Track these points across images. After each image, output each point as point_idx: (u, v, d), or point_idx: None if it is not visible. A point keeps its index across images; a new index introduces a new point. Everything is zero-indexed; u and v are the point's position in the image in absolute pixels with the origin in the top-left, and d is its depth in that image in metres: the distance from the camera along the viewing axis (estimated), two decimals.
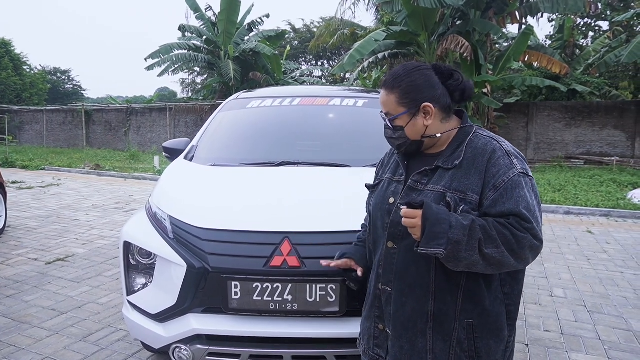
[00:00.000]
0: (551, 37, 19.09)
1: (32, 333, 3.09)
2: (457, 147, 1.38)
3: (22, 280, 4.10)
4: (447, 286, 1.33)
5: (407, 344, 1.38)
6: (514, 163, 1.30)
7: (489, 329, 1.34)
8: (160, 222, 2.28)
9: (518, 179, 1.28)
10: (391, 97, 1.40)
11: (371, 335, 1.51)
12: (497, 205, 1.26)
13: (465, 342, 1.33)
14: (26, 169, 13.51)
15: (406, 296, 1.37)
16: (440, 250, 1.21)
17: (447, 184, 1.33)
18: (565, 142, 14.48)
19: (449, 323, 1.33)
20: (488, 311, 1.33)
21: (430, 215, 1.23)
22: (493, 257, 1.22)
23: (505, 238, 1.22)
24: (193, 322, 2.04)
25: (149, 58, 16.39)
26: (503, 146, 1.34)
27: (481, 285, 1.33)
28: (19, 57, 26.95)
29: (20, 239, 5.50)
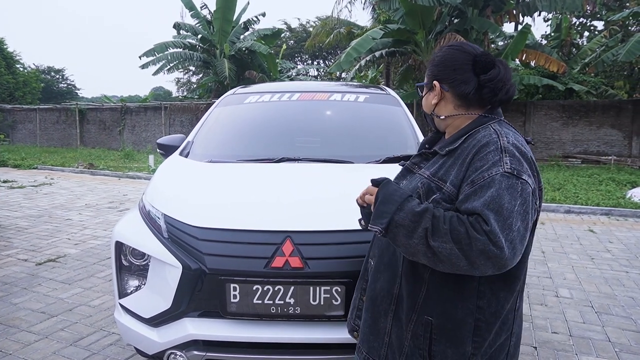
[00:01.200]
0: (547, 37, 19.09)
1: (20, 337, 2.95)
2: (460, 136, 1.30)
3: (11, 281, 3.95)
4: (412, 275, 1.28)
5: (370, 319, 1.39)
6: (503, 160, 1.16)
7: (448, 336, 1.24)
8: (154, 220, 2.16)
9: (500, 178, 1.13)
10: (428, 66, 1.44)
11: (355, 306, 1.55)
12: (467, 202, 1.14)
13: (421, 339, 1.26)
14: (18, 168, 13.30)
15: (380, 273, 1.38)
16: (377, 228, 1.20)
17: (435, 170, 1.29)
18: (563, 141, 14.45)
19: (407, 312, 1.29)
20: (450, 315, 1.23)
21: (381, 194, 1.24)
22: (440, 251, 1.11)
23: (457, 235, 1.09)
24: (189, 327, 1.92)
25: (143, 56, 16.21)
26: (501, 141, 1.20)
27: (450, 285, 1.22)
28: (11, 55, 26.62)
29: (10, 239, 5.35)
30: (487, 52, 1.35)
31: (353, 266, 1.80)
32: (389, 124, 3.23)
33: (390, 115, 3.32)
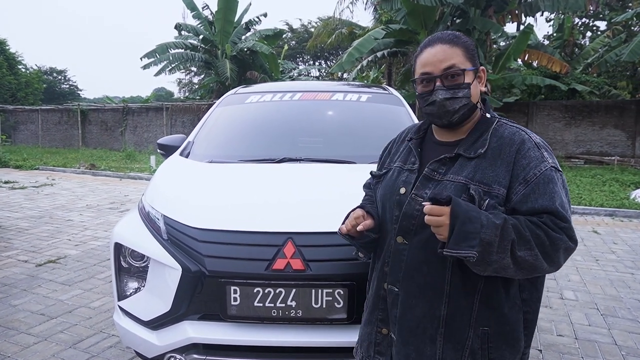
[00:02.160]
0: (550, 37, 19.03)
1: (19, 339, 2.92)
2: (480, 135, 1.25)
3: (10, 283, 3.93)
4: (463, 289, 1.19)
5: (414, 352, 1.24)
6: (544, 156, 1.18)
7: (505, 339, 1.21)
8: (154, 222, 2.12)
9: (550, 173, 1.16)
10: (457, 50, 1.24)
11: (372, 341, 1.37)
12: (529, 201, 1.13)
13: (479, 352, 1.20)
14: (20, 168, 13.30)
15: (416, 298, 1.24)
16: (472, 252, 1.06)
17: (470, 174, 1.19)
18: (565, 141, 14.38)
19: (462, 330, 1.20)
20: (506, 318, 1.21)
21: (459, 212, 1.08)
22: (525, 260, 1.08)
23: (539, 239, 1.08)
24: (189, 330, 1.88)
25: (145, 57, 16.20)
26: (532, 137, 1.23)
27: (500, 289, 1.19)
28: (13, 56, 26.71)
29: (11, 240, 5.33)
30: None
31: (356, 268, 1.76)
32: (391, 124, 3.18)
33: (393, 115, 3.28)
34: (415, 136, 1.39)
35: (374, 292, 1.37)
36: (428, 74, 1.25)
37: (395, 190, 1.31)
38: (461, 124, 1.28)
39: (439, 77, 1.24)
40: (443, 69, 1.23)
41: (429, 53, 1.26)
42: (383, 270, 1.32)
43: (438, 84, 1.24)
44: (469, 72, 1.25)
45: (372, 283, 1.39)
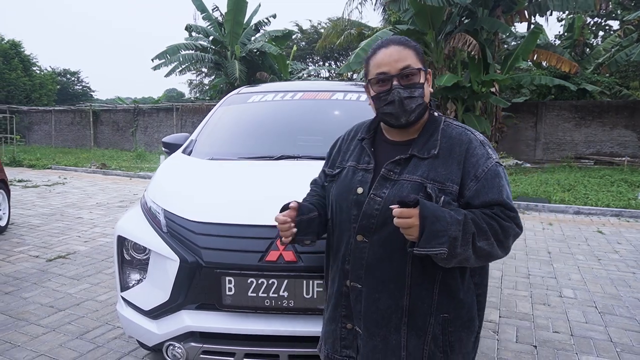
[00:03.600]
0: (560, 37, 18.88)
1: (29, 330, 3.04)
2: (431, 135, 1.32)
3: (22, 277, 4.06)
4: (423, 280, 1.26)
5: (381, 343, 1.31)
6: (489, 153, 1.29)
7: (462, 322, 1.30)
8: (155, 215, 2.21)
9: (496, 168, 1.27)
10: (410, 52, 1.30)
11: (337, 337, 1.42)
12: (481, 196, 1.23)
13: (440, 337, 1.28)
14: (33, 168, 13.57)
15: (379, 292, 1.29)
16: (443, 249, 1.13)
17: (424, 173, 1.26)
18: (575, 142, 14.28)
19: (424, 318, 1.27)
20: (463, 303, 1.29)
21: (427, 213, 1.14)
22: (484, 249, 1.18)
23: (493, 229, 1.19)
24: (186, 319, 1.97)
25: (156, 59, 16.42)
26: (477, 136, 1.33)
27: (456, 277, 1.28)
28: (28, 58, 27.18)
29: (23, 236, 5.48)
30: None
31: None
32: None
33: None
34: (367, 135, 1.42)
35: (335, 290, 1.40)
36: (385, 73, 1.29)
37: (351, 190, 1.34)
38: (414, 124, 1.33)
39: (395, 77, 1.28)
40: (400, 68, 1.28)
41: (384, 54, 1.30)
42: (344, 269, 1.36)
43: (395, 83, 1.28)
44: (422, 72, 1.31)
45: (332, 282, 1.43)
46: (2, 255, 4.71)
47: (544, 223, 6.54)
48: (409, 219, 1.14)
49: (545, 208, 7.41)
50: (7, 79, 24.48)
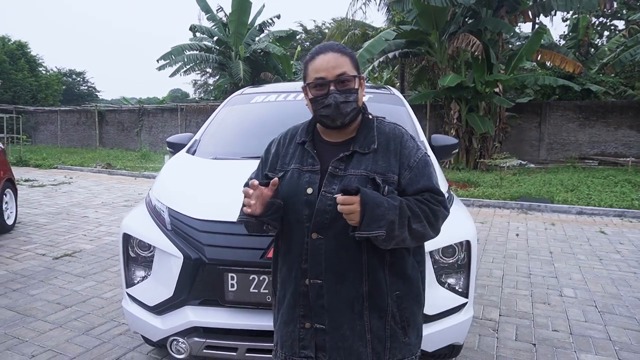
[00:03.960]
0: (565, 37, 18.83)
1: (36, 326, 3.10)
2: (368, 133, 1.43)
3: (29, 274, 4.13)
4: (377, 264, 1.37)
5: (348, 330, 1.37)
6: (418, 145, 1.44)
7: (413, 297, 1.43)
8: (159, 214, 2.27)
9: (425, 158, 1.42)
10: (346, 59, 1.38)
11: (296, 338, 1.41)
12: (414, 183, 1.37)
13: (397, 314, 1.39)
14: (39, 167, 13.70)
15: (340, 283, 1.36)
16: (381, 232, 1.24)
17: (368, 167, 1.37)
18: (579, 142, 14.24)
19: (382, 299, 1.37)
20: (410, 279, 1.42)
21: (368, 199, 1.25)
22: (418, 231, 1.31)
23: (425, 213, 1.32)
24: (190, 315, 2.02)
25: (161, 59, 16.51)
26: (407, 130, 1.48)
27: (400, 257, 1.40)
28: (34, 58, 27.41)
29: (30, 234, 5.56)
30: None
31: None
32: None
33: (393, 114, 3.37)
34: (307, 138, 1.47)
35: (291, 291, 1.41)
36: (322, 78, 1.36)
37: (301, 191, 1.38)
38: (349, 125, 1.41)
39: (332, 82, 1.35)
40: (336, 74, 1.35)
41: (323, 60, 1.37)
42: (301, 268, 1.38)
43: (332, 88, 1.35)
44: (357, 78, 1.39)
45: (283, 284, 1.44)
46: (9, 253, 4.78)
47: (547, 223, 6.55)
48: (351, 205, 1.23)
49: (548, 208, 7.42)
50: (13, 79, 24.70)
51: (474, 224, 2.44)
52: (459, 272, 2.25)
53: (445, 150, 3.22)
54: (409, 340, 1.41)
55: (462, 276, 2.25)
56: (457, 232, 2.24)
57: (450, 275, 2.24)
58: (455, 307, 2.20)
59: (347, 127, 1.41)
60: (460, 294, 2.23)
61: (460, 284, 2.25)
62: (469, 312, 2.26)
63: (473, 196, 8.24)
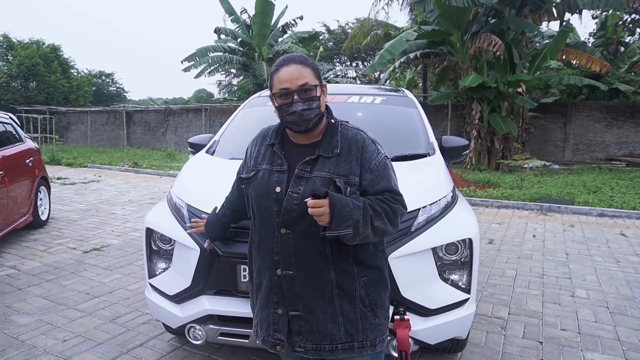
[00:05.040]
0: (594, 35, 18.37)
1: (68, 313, 3.33)
2: (332, 137, 1.56)
3: (61, 266, 4.40)
4: (340, 255, 1.52)
5: (321, 314, 1.53)
6: (379, 149, 1.56)
7: (378, 282, 1.58)
8: (179, 210, 2.44)
9: (385, 161, 1.54)
10: (308, 70, 1.51)
11: (270, 321, 1.57)
12: (375, 185, 1.50)
13: (366, 298, 1.55)
14: (70, 166, 14.27)
15: (310, 273, 1.51)
16: (349, 230, 1.39)
17: (332, 170, 1.50)
18: (606, 143, 13.93)
19: (350, 285, 1.53)
20: (374, 267, 1.58)
21: (335, 202, 1.39)
22: (380, 228, 1.45)
23: (385, 211, 1.46)
24: (205, 303, 2.18)
25: (185, 61, 16.91)
26: (369, 135, 1.59)
27: (364, 248, 1.55)
28: (67, 61, 28.38)
29: (62, 229, 5.87)
30: None
31: None
32: (401, 125, 3.39)
33: (404, 116, 3.48)
34: (276, 141, 1.61)
35: (266, 279, 1.56)
36: (287, 89, 1.49)
37: (270, 190, 1.52)
38: (314, 129, 1.55)
39: (296, 92, 1.48)
40: (299, 85, 1.48)
41: (286, 72, 1.50)
42: (274, 260, 1.52)
43: (296, 97, 1.48)
44: (318, 87, 1.52)
45: (259, 272, 1.59)
46: (43, 246, 5.09)
47: (565, 225, 6.50)
48: (321, 208, 1.37)
49: (568, 210, 7.35)
50: (47, 81, 25.66)
51: (477, 222, 2.52)
52: (462, 268, 2.34)
53: (455, 152, 3.29)
54: (378, 321, 1.57)
55: (465, 273, 2.34)
56: (460, 230, 2.34)
57: (453, 271, 2.33)
58: (457, 302, 2.29)
59: (312, 131, 1.55)
60: (462, 290, 2.31)
61: (462, 280, 2.34)
62: (471, 308, 2.34)
63: (492, 197, 8.22)
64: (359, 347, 1.54)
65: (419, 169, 2.77)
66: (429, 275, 2.25)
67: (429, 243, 2.24)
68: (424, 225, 2.29)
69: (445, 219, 2.38)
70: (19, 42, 26.80)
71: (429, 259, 2.25)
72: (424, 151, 3.03)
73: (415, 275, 2.19)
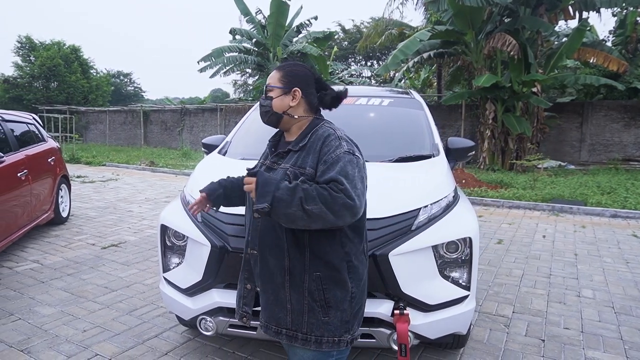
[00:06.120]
0: (614, 33, 18.06)
1: (87, 306, 3.51)
2: (305, 135, 1.70)
3: (81, 261, 4.59)
4: (295, 244, 1.60)
5: (272, 296, 1.65)
6: (342, 144, 1.60)
7: (335, 281, 1.60)
8: None
9: (342, 155, 1.57)
10: (277, 75, 1.73)
11: (241, 295, 1.77)
12: (324, 175, 1.56)
13: (316, 292, 1.59)
14: (90, 164, 14.63)
15: (269, 255, 1.64)
16: (264, 205, 1.48)
17: (294, 162, 1.64)
18: (624, 143, 13.72)
19: (300, 276, 1.59)
20: (332, 265, 1.60)
21: (260, 179, 1.53)
22: (315, 212, 1.46)
23: (323, 197, 1.47)
24: (216, 296, 2.31)
25: (202, 61, 17.18)
26: (338, 133, 1.66)
27: (323, 243, 1.59)
28: (86, 61, 29.00)
29: (81, 226, 6.09)
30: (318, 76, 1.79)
31: None
32: (407, 126, 3.48)
33: (411, 118, 3.57)
34: (272, 139, 1.85)
35: (243, 257, 1.76)
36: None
37: None
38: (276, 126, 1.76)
39: (263, 91, 1.76)
40: (266, 84, 1.74)
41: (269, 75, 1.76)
42: (247, 239, 1.73)
43: (262, 96, 1.76)
44: (276, 89, 1.70)
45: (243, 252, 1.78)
46: (64, 242, 5.30)
47: (577, 226, 6.49)
48: (250, 185, 1.53)
49: (581, 211, 7.32)
50: (67, 81, 26.28)
51: (477, 221, 2.60)
52: (462, 266, 2.42)
53: (461, 153, 3.36)
54: (329, 320, 1.59)
55: (465, 270, 2.42)
56: (460, 229, 2.42)
57: (454, 269, 2.42)
58: (456, 299, 2.37)
59: (288, 130, 1.76)
60: (462, 287, 2.40)
61: (463, 277, 2.42)
62: (471, 304, 2.43)
63: (503, 197, 8.21)
64: (303, 340, 1.60)
65: (423, 170, 2.86)
66: (429, 272, 2.34)
67: (430, 241, 2.33)
68: (425, 224, 2.37)
69: (446, 218, 2.46)
70: (40, 44, 27.47)
71: (429, 256, 2.34)
72: (429, 152, 3.12)
73: (416, 272, 2.28)
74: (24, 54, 27.03)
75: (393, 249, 2.21)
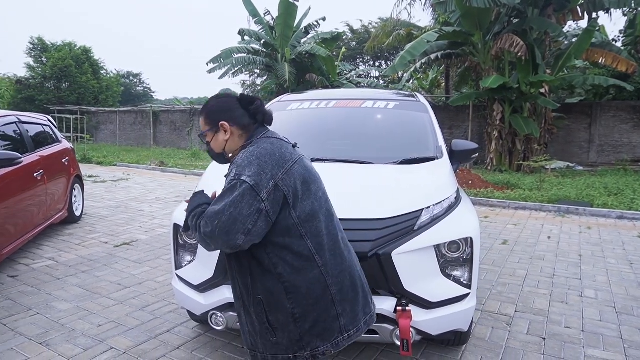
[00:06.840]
0: (624, 33, 17.95)
1: (102, 302, 3.64)
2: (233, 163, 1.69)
3: (94, 259, 4.73)
4: (240, 269, 1.64)
5: (239, 316, 1.73)
6: (233, 171, 1.56)
7: (273, 304, 1.58)
8: None
9: (232, 183, 1.53)
10: (202, 120, 1.76)
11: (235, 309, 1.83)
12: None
13: (261, 315, 1.60)
14: (101, 164, 14.86)
15: (233, 278, 1.70)
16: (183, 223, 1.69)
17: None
18: (633, 144, 13.66)
19: (247, 299, 1.63)
20: (268, 288, 1.57)
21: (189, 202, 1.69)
22: (197, 231, 1.56)
23: (198, 223, 1.56)
24: (226, 292, 2.42)
25: (210, 62, 17.34)
26: (239, 158, 1.60)
27: (256, 266, 1.59)
28: (97, 62, 29.34)
29: (94, 225, 6.25)
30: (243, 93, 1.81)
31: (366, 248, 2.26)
32: (412, 129, 3.57)
33: (416, 121, 3.65)
34: None
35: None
36: None
37: None
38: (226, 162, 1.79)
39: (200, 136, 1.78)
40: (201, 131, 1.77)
41: None
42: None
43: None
44: (207, 133, 1.73)
45: None
46: (78, 240, 5.45)
47: (582, 227, 6.52)
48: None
49: (587, 212, 7.34)
50: (78, 82, 26.61)
51: (479, 222, 2.68)
52: (463, 265, 2.51)
53: (464, 155, 3.44)
54: (279, 341, 1.59)
55: (466, 269, 2.51)
56: (462, 229, 2.51)
57: (455, 267, 2.50)
58: (458, 297, 2.46)
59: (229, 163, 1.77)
60: (463, 285, 2.48)
61: (464, 276, 2.51)
62: (472, 302, 2.51)
63: (509, 198, 8.25)
64: (262, 358, 1.65)
65: (426, 172, 2.95)
66: (431, 270, 2.43)
67: (432, 241, 2.42)
68: (428, 224, 2.46)
69: (448, 219, 2.55)
70: (52, 45, 27.85)
71: (431, 255, 2.42)
72: (432, 154, 3.20)
73: (418, 270, 2.37)
74: (36, 55, 27.42)
75: (396, 248, 2.31)
